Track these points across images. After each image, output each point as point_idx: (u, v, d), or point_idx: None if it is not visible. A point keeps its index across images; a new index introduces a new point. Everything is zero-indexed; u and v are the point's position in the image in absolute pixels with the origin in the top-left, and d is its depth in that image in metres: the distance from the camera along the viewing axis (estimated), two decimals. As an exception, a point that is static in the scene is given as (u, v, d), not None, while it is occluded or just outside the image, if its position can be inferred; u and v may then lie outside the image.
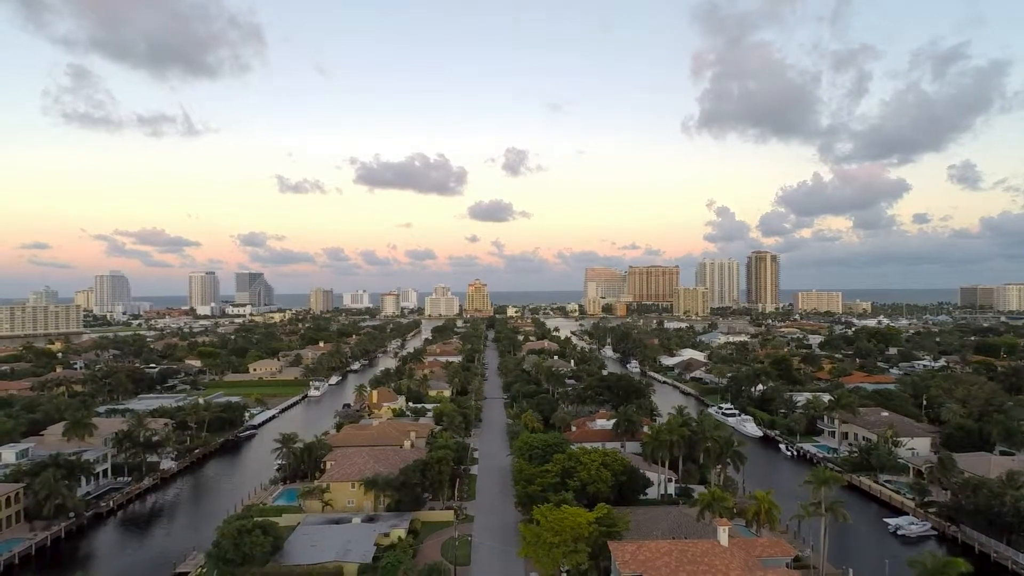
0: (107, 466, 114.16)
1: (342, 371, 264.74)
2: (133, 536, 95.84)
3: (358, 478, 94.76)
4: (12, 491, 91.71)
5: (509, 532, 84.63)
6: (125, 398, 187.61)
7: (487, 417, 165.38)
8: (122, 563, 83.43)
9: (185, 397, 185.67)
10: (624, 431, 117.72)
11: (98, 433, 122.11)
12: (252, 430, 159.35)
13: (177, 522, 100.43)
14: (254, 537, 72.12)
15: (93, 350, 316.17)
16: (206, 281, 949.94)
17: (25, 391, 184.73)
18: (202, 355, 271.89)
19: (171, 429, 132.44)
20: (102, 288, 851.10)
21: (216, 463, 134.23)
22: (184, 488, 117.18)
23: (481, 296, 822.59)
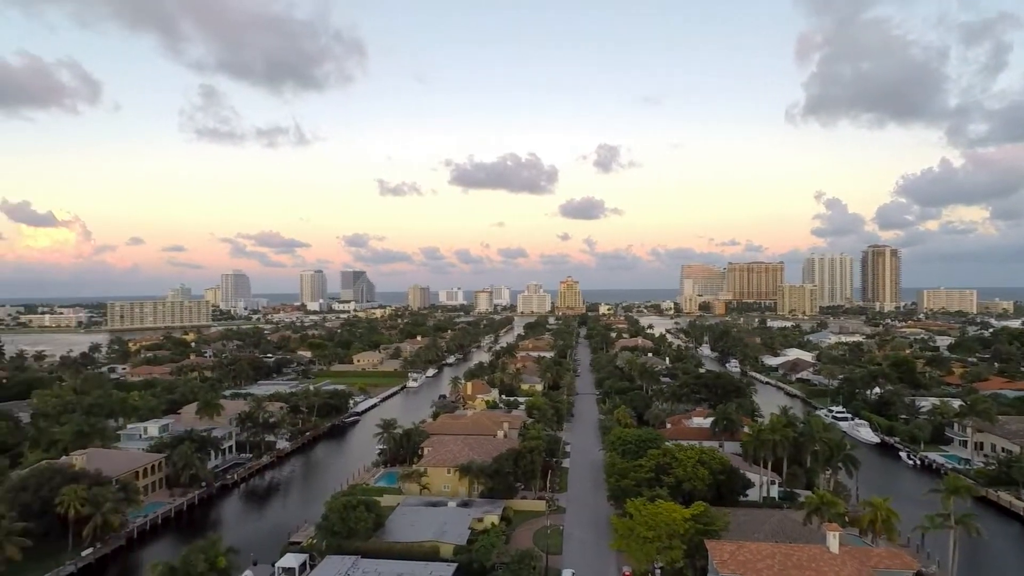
0: (232, 443, 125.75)
1: (438, 364, 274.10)
2: (254, 507, 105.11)
3: (453, 464, 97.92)
4: (156, 460, 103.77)
5: (601, 525, 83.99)
6: (246, 384, 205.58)
7: (579, 412, 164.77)
8: (245, 530, 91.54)
9: (297, 384, 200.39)
10: (723, 430, 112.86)
11: (225, 414, 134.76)
12: (356, 416, 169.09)
13: (291, 497, 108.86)
14: (358, 513, 76.80)
15: (220, 341, 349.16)
16: (315, 279, 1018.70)
17: (166, 375, 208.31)
18: (312, 347, 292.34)
19: (285, 412, 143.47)
20: (227, 286, 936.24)
21: (324, 445, 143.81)
22: (297, 466, 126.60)
23: (573, 293, 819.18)
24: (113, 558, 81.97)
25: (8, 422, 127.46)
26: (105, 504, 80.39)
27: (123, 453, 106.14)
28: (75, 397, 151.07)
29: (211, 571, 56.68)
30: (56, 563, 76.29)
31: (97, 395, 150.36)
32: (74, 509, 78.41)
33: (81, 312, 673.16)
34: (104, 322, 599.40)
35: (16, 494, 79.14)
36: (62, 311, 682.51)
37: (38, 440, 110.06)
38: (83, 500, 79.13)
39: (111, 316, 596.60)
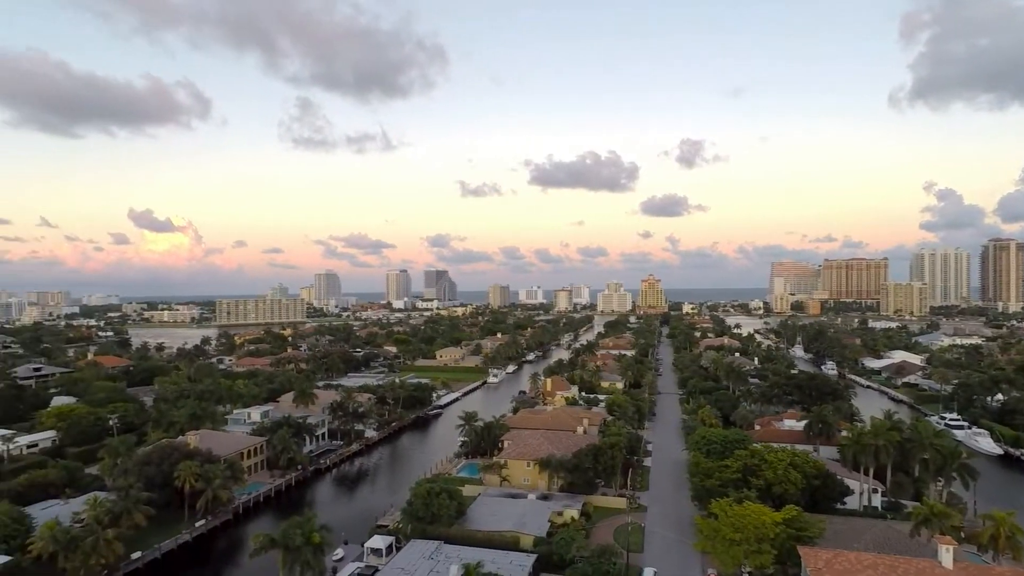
0: (325, 430, 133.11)
1: (518, 361, 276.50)
2: (344, 490, 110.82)
3: (533, 458, 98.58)
4: (258, 443, 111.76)
5: (684, 525, 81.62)
6: (337, 376, 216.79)
7: (661, 412, 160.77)
8: (336, 511, 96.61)
9: (384, 377, 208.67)
10: (818, 433, 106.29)
11: (318, 402, 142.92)
12: (439, 409, 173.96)
13: (378, 483, 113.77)
14: (441, 500, 79.13)
15: (313, 336, 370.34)
16: (400, 279, 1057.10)
17: (266, 366, 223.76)
18: (397, 342, 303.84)
19: (373, 403, 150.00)
20: (320, 285, 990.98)
21: (409, 436, 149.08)
22: (383, 455, 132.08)
23: (655, 292, 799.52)
24: (222, 530, 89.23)
25: (135, 405, 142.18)
26: (215, 480, 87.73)
27: (230, 435, 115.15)
28: (189, 384, 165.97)
29: (306, 545, 60.36)
30: (175, 531, 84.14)
31: (208, 383, 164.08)
32: (189, 484, 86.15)
33: (194, 309, 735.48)
34: (213, 318, 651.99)
35: (142, 467, 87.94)
36: (178, 308, 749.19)
37: (159, 421, 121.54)
38: (197, 476, 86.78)
39: (219, 313, 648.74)
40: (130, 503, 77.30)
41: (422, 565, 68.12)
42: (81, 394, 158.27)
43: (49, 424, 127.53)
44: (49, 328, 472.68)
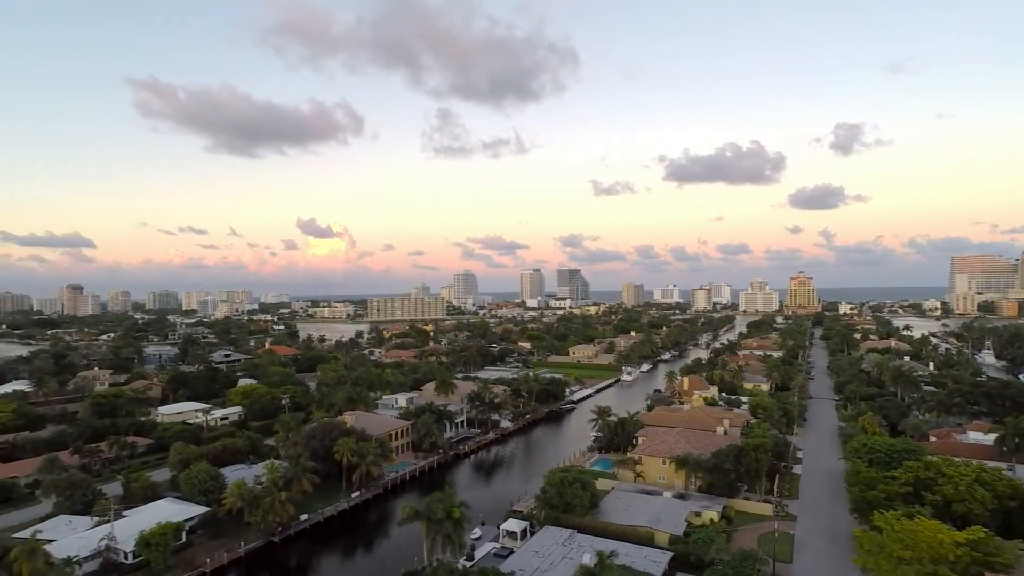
0: (463, 419, 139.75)
1: (652, 360, 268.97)
2: (481, 475, 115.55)
3: (669, 455, 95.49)
4: (405, 426, 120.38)
5: (839, 537, 74.33)
6: (475, 369, 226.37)
7: (813, 417, 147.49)
8: (474, 494, 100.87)
9: (518, 372, 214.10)
10: (1013, 449, 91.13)
11: (457, 392, 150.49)
12: (572, 404, 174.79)
13: (513, 470, 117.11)
14: (574, 490, 79.59)
15: (453, 332, 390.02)
16: (534, 278, 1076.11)
17: (411, 358, 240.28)
18: (531, 338, 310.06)
19: (508, 395, 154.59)
20: (458, 285, 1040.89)
21: (542, 428, 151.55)
22: (518, 445, 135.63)
23: (805, 291, 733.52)
24: (374, 502, 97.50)
25: (302, 387, 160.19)
26: (368, 456, 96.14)
27: (380, 418, 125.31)
28: (346, 372, 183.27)
29: (447, 519, 64.05)
30: (334, 500, 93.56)
31: (361, 371, 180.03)
32: (346, 458, 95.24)
33: (349, 307, 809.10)
34: (365, 315, 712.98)
35: (308, 441, 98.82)
36: (336, 306, 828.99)
37: (321, 402, 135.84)
38: (352, 451, 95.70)
39: (370, 310, 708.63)
40: (299, 471, 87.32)
41: (555, 551, 69.11)
42: (260, 377, 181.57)
43: (236, 401, 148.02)
44: (235, 322, 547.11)
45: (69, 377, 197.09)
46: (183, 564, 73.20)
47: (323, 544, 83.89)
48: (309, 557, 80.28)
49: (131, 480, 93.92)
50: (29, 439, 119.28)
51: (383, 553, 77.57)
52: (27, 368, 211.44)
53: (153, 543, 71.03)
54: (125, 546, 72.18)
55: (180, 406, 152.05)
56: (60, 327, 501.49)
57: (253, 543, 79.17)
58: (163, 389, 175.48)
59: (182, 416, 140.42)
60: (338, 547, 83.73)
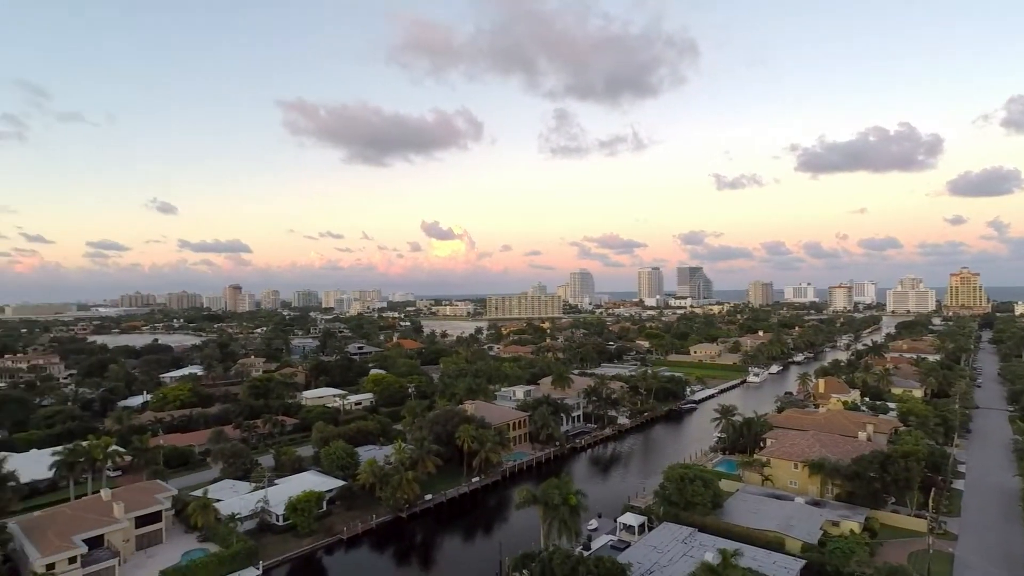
0: (580, 413, 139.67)
1: (783, 361, 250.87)
2: (598, 469, 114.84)
3: (802, 459, 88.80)
4: (522, 417, 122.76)
5: (1015, 563, 64.76)
6: (591, 366, 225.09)
7: (979, 428, 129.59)
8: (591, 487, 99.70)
9: (636, 369, 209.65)
10: None
11: (573, 387, 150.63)
12: (693, 404, 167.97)
13: (631, 466, 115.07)
14: (695, 487, 76.68)
15: (569, 329, 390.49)
16: (652, 276, 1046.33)
17: (528, 354, 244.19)
18: (649, 336, 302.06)
19: (625, 391, 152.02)
20: (574, 284, 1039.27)
21: (661, 427, 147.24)
22: (635, 442, 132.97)
23: (969, 289, 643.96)
24: (492, 488, 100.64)
25: (426, 378, 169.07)
26: (487, 443, 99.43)
27: (498, 408, 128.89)
28: (466, 364, 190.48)
29: (563, 505, 64.56)
30: (456, 483, 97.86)
31: (480, 364, 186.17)
32: (467, 444, 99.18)
33: (469, 305, 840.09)
34: (484, 312, 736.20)
35: (432, 426, 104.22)
36: (456, 304, 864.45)
37: (444, 392, 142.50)
38: (473, 438, 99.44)
39: (489, 308, 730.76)
40: (424, 452, 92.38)
41: (675, 547, 67.07)
42: (389, 368, 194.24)
43: (368, 388, 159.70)
44: (367, 318, 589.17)
45: (231, 364, 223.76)
46: (324, 530, 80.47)
47: (445, 523, 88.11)
48: (433, 534, 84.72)
49: (281, 453, 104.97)
50: (201, 414, 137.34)
51: (501, 536, 79.80)
52: (199, 355, 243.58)
53: (299, 508, 78.95)
54: (276, 509, 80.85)
55: (320, 391, 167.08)
56: (224, 321, 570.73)
57: (383, 517, 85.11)
58: (306, 376, 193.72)
59: (322, 400, 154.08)
60: (459, 527, 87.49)
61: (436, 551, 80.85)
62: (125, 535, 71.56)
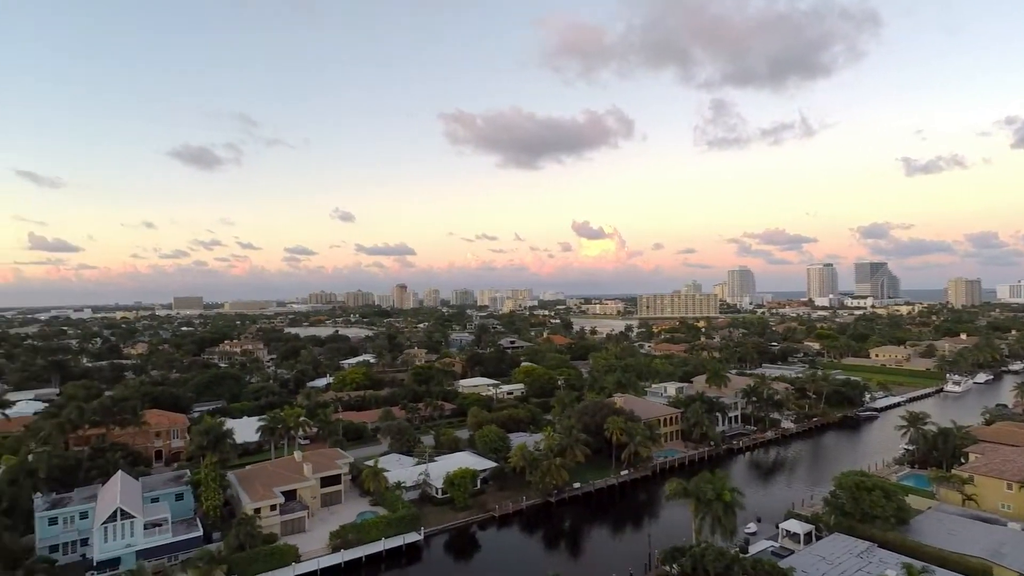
0: (737, 413, 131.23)
1: (994, 370, 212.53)
2: (757, 473, 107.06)
3: (1017, 478, 74.91)
4: (674, 414, 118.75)
5: None
6: (751, 366, 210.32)
7: None
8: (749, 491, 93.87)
9: (803, 371, 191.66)
10: None
11: (730, 386, 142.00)
12: (873, 412, 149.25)
13: (796, 474, 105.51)
14: (874, 497, 68.57)
15: (726, 328, 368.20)
16: (824, 274, 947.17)
17: (680, 352, 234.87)
18: (820, 337, 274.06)
19: (790, 393, 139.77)
20: (733, 282, 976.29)
21: (834, 435, 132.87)
22: (802, 448, 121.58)
23: None
24: (642, 482, 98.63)
25: (575, 371, 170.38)
26: (637, 437, 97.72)
27: (648, 403, 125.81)
28: (616, 360, 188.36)
29: (717, 500, 61.35)
30: (604, 474, 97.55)
31: (630, 360, 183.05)
32: (616, 436, 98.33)
33: (619, 304, 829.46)
34: (634, 311, 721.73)
35: (580, 416, 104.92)
36: (606, 303, 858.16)
37: (592, 385, 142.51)
38: (622, 430, 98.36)
39: (639, 307, 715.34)
40: (572, 441, 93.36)
41: (848, 561, 60.47)
42: (539, 361, 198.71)
43: (519, 379, 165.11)
44: (519, 315, 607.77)
45: (398, 353, 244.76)
46: (478, 506, 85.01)
47: (593, 512, 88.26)
48: (580, 521, 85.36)
49: (440, 434, 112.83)
50: (373, 396, 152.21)
51: (650, 530, 77.99)
52: (371, 345, 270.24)
53: (456, 483, 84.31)
54: (436, 483, 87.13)
55: (475, 380, 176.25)
56: (392, 317, 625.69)
57: (532, 500, 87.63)
58: (463, 366, 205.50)
59: (477, 389, 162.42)
60: (606, 517, 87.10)
61: (584, 538, 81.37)
62: (313, 492, 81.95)
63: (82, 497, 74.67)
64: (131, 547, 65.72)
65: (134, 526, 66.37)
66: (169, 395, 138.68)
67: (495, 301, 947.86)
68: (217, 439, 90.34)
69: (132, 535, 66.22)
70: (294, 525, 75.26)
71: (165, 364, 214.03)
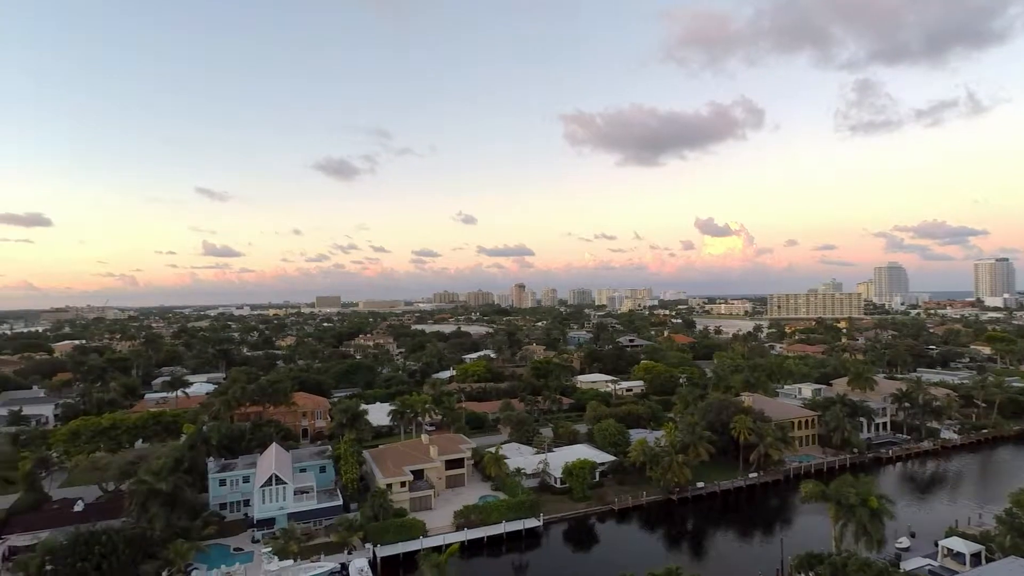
0: (886, 420, 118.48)
1: None
2: (910, 487, 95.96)
3: None
4: (810, 416, 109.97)
5: None
6: (903, 370, 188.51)
7: None
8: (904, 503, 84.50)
9: (969, 378, 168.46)
10: None
11: (878, 389, 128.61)
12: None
13: (959, 490, 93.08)
14: (1063, 518, 58.63)
15: (872, 329, 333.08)
16: (996, 270, 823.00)
17: (817, 353, 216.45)
18: (991, 340, 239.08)
19: (953, 400, 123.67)
20: (880, 280, 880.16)
21: (1009, 450, 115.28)
22: (968, 462, 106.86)
23: None
24: (772, 487, 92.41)
25: (699, 370, 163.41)
26: (767, 438, 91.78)
27: (780, 403, 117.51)
28: (743, 360, 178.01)
29: (861, 506, 55.89)
30: (730, 475, 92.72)
31: (759, 360, 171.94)
32: (743, 435, 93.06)
33: (746, 304, 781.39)
34: (764, 311, 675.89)
35: (704, 413, 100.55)
36: (732, 303, 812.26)
37: (717, 384, 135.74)
38: (749, 430, 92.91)
39: (770, 306, 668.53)
40: (695, 438, 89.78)
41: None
42: (660, 359, 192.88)
43: (638, 376, 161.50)
44: (637, 315, 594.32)
45: (517, 349, 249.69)
46: (596, 498, 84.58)
47: (718, 513, 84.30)
48: (704, 521, 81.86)
49: (558, 426, 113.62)
50: (494, 388, 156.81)
51: (782, 535, 72.84)
52: (491, 341, 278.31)
53: (575, 473, 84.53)
54: (555, 472, 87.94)
55: (593, 376, 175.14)
56: (510, 315, 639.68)
57: (653, 496, 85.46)
58: (580, 362, 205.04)
59: (594, 385, 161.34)
60: (733, 520, 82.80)
61: (708, 539, 77.93)
62: (438, 473, 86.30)
63: (245, 463, 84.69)
64: (283, 509, 73.48)
65: (286, 491, 74.13)
66: (313, 381, 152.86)
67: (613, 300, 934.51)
68: (354, 417, 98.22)
69: (284, 499, 74.00)
70: (421, 502, 79.75)
71: (309, 354, 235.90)
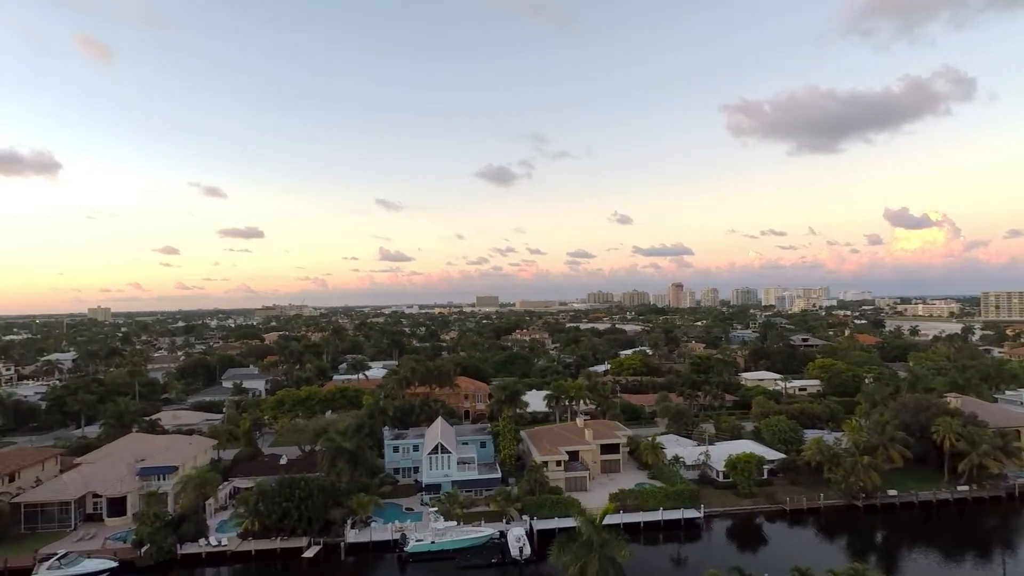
0: None
1: None
2: None
3: None
4: None
5: None
6: None
7: None
8: None
9: None
10: None
11: None
12: None
13: None
14: None
15: None
16: None
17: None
18: None
19: None
20: None
21: None
22: None
23: None
24: (991, 503, 78.20)
25: (888, 370, 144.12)
26: (981, 446, 78.00)
27: (1000, 409, 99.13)
28: (946, 362, 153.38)
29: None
30: (932, 486, 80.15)
31: (969, 361, 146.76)
32: (949, 441, 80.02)
33: (952, 304, 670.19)
34: (976, 312, 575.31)
35: (897, 412, 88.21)
36: (933, 303, 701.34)
37: (914, 385, 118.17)
38: (957, 435, 79.64)
39: (983, 306, 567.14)
40: (885, 439, 79.21)
41: None
42: (840, 358, 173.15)
43: (814, 375, 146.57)
44: (812, 315, 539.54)
45: (674, 347, 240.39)
46: (764, 496, 78.35)
47: (915, 526, 73.33)
48: (897, 533, 71.76)
49: (721, 421, 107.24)
50: (650, 381, 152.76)
51: (1004, 556, 61.23)
52: (648, 338, 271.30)
53: (739, 467, 79.14)
54: (717, 465, 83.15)
55: (759, 374, 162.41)
56: (666, 314, 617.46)
57: (832, 500, 77.03)
58: (745, 360, 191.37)
59: (761, 383, 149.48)
60: (935, 535, 71.56)
61: (902, 553, 68.01)
62: (593, 457, 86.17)
63: (415, 434, 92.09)
64: (448, 477, 78.57)
65: (450, 460, 79.19)
66: (475, 367, 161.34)
67: (782, 300, 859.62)
68: (513, 396, 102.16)
69: (449, 467, 79.12)
70: (576, 483, 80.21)
71: (471, 346, 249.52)
